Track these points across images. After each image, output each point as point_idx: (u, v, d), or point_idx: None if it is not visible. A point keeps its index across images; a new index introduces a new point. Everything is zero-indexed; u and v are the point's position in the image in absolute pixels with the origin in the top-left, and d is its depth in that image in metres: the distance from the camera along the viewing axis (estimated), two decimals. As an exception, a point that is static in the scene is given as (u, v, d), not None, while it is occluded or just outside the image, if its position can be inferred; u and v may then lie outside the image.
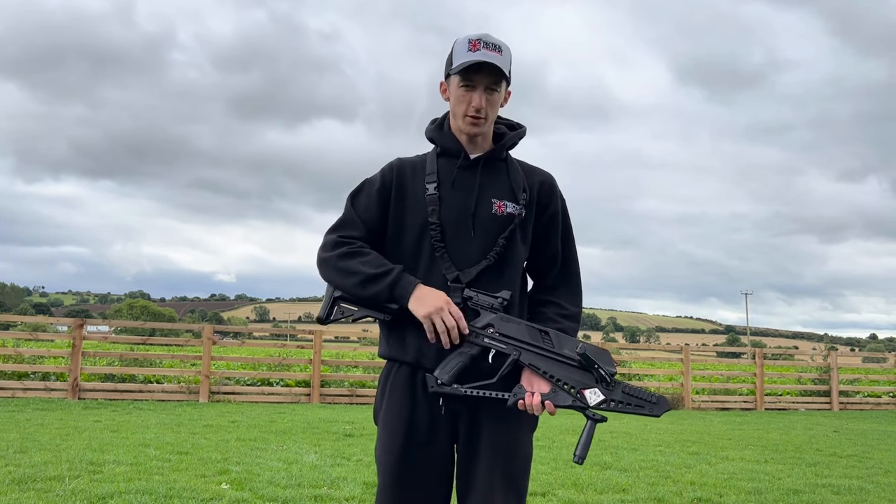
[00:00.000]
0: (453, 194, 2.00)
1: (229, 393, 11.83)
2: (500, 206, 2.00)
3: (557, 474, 5.84)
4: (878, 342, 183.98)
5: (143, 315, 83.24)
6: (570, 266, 2.10)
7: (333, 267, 1.94)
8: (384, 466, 1.94)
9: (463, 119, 1.99)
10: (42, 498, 4.35)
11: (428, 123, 2.14)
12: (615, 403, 1.81)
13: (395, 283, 1.88)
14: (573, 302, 2.06)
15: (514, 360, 1.86)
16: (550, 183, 2.10)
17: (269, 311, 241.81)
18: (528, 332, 1.88)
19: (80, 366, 11.19)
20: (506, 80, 1.99)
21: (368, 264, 1.91)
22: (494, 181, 2.03)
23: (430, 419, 1.93)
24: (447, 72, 2.02)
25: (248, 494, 4.64)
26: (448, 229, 1.96)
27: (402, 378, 1.97)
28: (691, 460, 6.99)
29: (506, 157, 2.08)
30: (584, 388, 1.82)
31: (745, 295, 78.56)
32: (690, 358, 14.60)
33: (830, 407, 15.25)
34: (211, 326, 12.52)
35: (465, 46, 1.95)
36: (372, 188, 2.03)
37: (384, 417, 1.98)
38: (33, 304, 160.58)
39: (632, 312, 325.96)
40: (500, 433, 1.93)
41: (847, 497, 5.43)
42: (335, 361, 13.43)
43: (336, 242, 1.97)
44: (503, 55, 1.95)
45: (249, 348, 17.39)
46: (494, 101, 1.99)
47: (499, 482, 1.89)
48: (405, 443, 1.92)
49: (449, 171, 2.02)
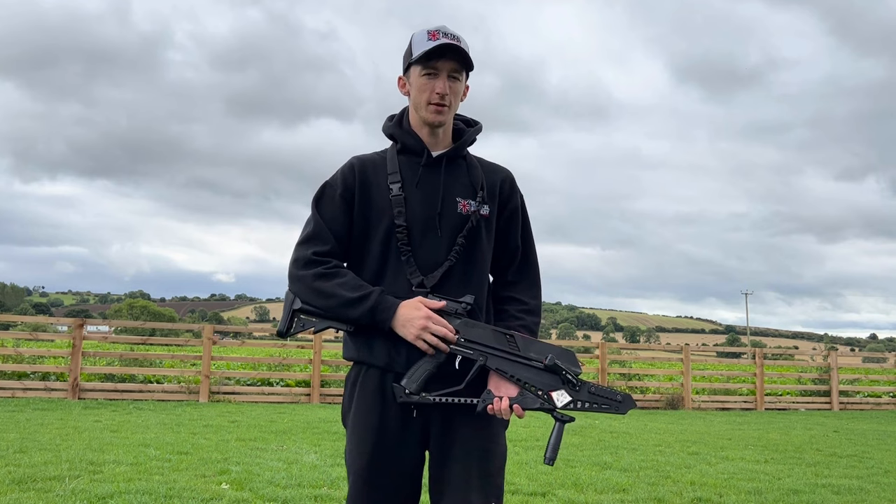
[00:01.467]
0: (417, 194, 1.96)
1: (229, 393, 11.83)
2: (464, 204, 1.98)
3: (557, 474, 5.84)
4: (878, 342, 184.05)
5: (144, 315, 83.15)
6: (529, 261, 2.11)
7: (309, 288, 1.91)
8: (354, 469, 1.92)
9: (426, 107, 1.95)
10: (42, 498, 4.35)
11: (385, 120, 2.10)
12: (582, 403, 1.83)
13: (374, 307, 1.86)
14: (533, 295, 2.07)
15: (480, 365, 1.86)
16: (511, 180, 2.10)
17: (269, 311, 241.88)
18: (494, 337, 1.88)
19: (80, 366, 11.20)
20: (467, 70, 1.98)
21: (345, 286, 1.88)
22: (457, 179, 2.01)
23: (401, 422, 1.91)
24: (407, 63, 2.00)
25: (248, 494, 4.64)
26: (414, 230, 1.94)
27: (371, 381, 1.94)
28: (691, 460, 6.99)
29: (465, 155, 2.07)
30: (552, 389, 1.83)
31: (745, 295, 78.52)
32: (690, 358, 14.61)
33: (830, 407, 15.25)
34: (211, 326, 12.52)
35: (425, 37, 1.93)
36: (334, 192, 1.99)
37: (354, 420, 1.95)
38: (33, 304, 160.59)
39: (632, 312, 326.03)
40: (472, 434, 1.91)
41: (847, 497, 5.43)
42: (335, 361, 13.40)
43: (309, 260, 1.93)
44: (462, 44, 1.94)
45: (249, 348, 17.37)
46: (457, 90, 1.97)
47: (475, 482, 1.88)
48: (376, 446, 1.90)
49: (412, 170, 1.99)
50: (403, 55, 2.02)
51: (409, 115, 2.05)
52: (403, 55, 2.02)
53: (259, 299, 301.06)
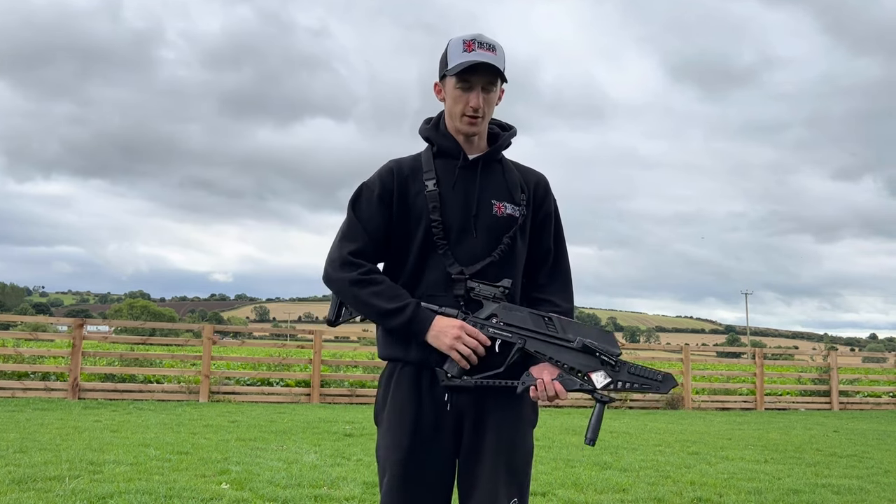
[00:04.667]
0: (454, 195, 2.00)
1: (229, 393, 11.83)
2: (499, 207, 2.01)
3: (557, 474, 5.84)
4: (878, 342, 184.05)
5: (144, 315, 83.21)
6: (560, 264, 2.14)
7: (347, 294, 1.97)
8: (390, 464, 1.94)
9: (461, 119, 1.99)
10: (42, 498, 4.35)
11: (422, 123, 2.13)
12: (622, 384, 1.85)
13: (411, 320, 1.91)
14: (565, 298, 2.10)
15: (519, 348, 1.89)
16: (545, 184, 2.14)
17: (269, 311, 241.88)
18: (532, 320, 1.92)
19: (80, 366, 11.20)
20: (501, 79, 2.00)
21: (381, 296, 1.93)
22: (493, 182, 2.05)
23: (436, 418, 1.95)
24: (442, 73, 2.01)
25: (248, 494, 4.64)
26: (451, 230, 1.97)
27: (407, 377, 1.98)
28: (691, 460, 6.99)
29: (500, 159, 2.10)
30: (591, 371, 1.85)
31: (745, 295, 78.59)
32: (690, 358, 14.61)
33: (830, 407, 15.25)
34: (211, 326, 12.52)
35: (460, 47, 1.95)
36: (372, 194, 2.02)
37: (389, 416, 1.98)
38: (33, 304, 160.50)
39: (632, 312, 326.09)
40: (503, 430, 1.95)
41: (847, 497, 5.43)
42: (335, 361, 13.43)
43: (345, 262, 1.97)
44: (497, 54, 1.96)
45: (249, 348, 17.40)
46: (491, 101, 2.00)
47: (502, 477, 1.91)
48: (412, 441, 1.93)
49: (448, 172, 2.03)
50: (439, 61, 2.04)
51: (444, 119, 2.07)
52: (439, 61, 2.04)
53: (259, 299, 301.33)
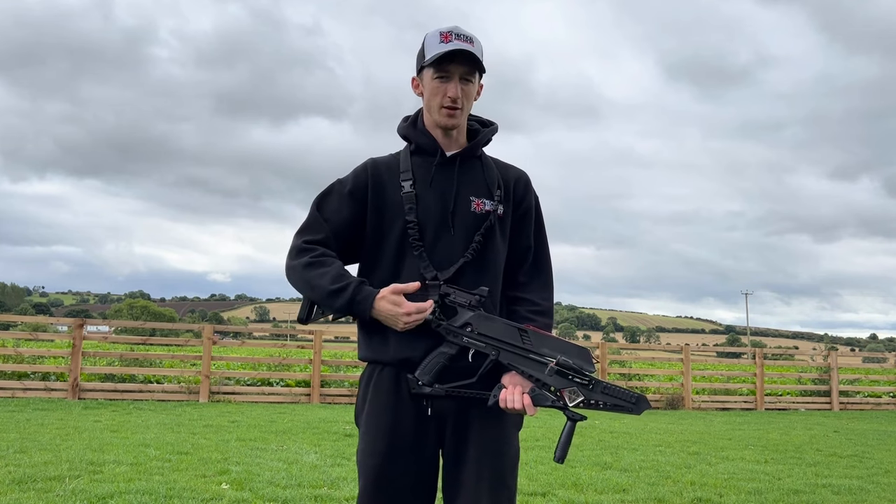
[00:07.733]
0: (431, 192, 1.97)
1: (229, 393, 11.83)
2: (478, 203, 1.99)
3: (557, 474, 5.84)
4: (878, 342, 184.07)
5: (144, 315, 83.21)
6: (541, 262, 2.10)
7: (300, 279, 1.93)
8: (366, 470, 1.90)
9: (439, 111, 1.97)
10: (42, 498, 4.35)
11: (400, 121, 2.11)
12: (595, 403, 1.82)
13: (352, 299, 1.87)
14: (545, 297, 2.06)
15: (493, 360, 1.86)
16: (525, 180, 2.10)
17: (269, 311, 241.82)
18: (507, 331, 1.87)
19: (80, 366, 11.19)
20: (479, 72, 1.98)
21: (326, 277, 1.89)
22: (471, 179, 2.02)
23: (416, 423, 1.90)
24: (420, 66, 2.00)
25: (248, 494, 4.64)
26: (427, 228, 1.94)
27: (386, 380, 1.94)
28: (691, 460, 6.99)
29: (480, 155, 2.08)
30: (564, 387, 1.82)
31: (745, 295, 78.46)
32: (690, 358, 14.61)
33: (830, 407, 15.25)
34: (211, 326, 12.52)
35: (437, 39, 1.93)
36: (343, 189, 2.00)
37: (367, 420, 1.95)
38: (33, 304, 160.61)
39: (632, 312, 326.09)
40: (486, 434, 1.91)
41: (847, 497, 5.43)
42: (335, 361, 13.43)
43: (300, 249, 1.95)
44: (475, 46, 1.95)
45: (249, 348, 17.34)
46: (469, 92, 1.98)
47: (486, 482, 1.88)
48: (390, 447, 1.89)
49: (425, 169, 2.00)
50: (416, 56, 2.02)
51: (423, 116, 2.05)
52: (416, 56, 2.02)
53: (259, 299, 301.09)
